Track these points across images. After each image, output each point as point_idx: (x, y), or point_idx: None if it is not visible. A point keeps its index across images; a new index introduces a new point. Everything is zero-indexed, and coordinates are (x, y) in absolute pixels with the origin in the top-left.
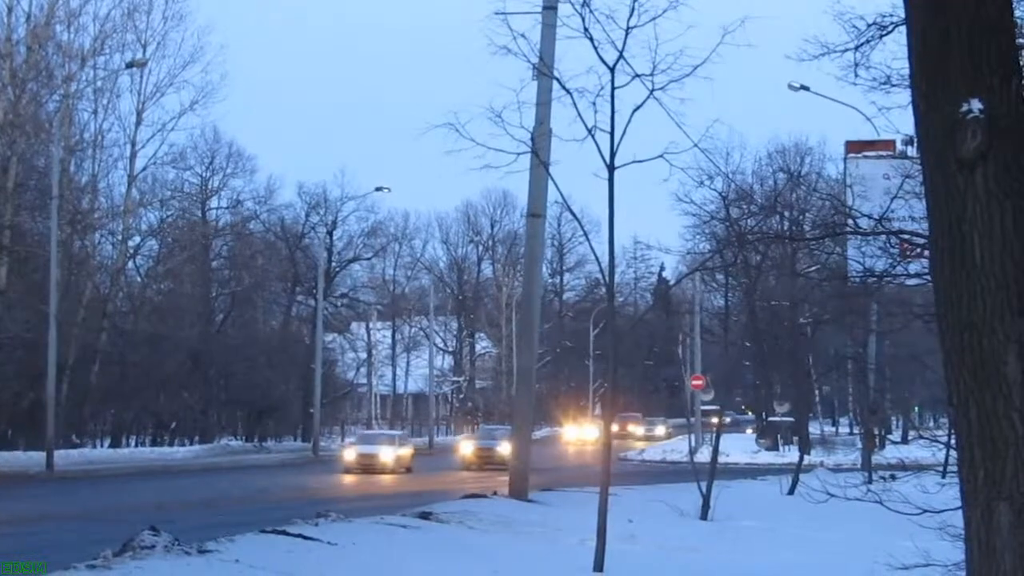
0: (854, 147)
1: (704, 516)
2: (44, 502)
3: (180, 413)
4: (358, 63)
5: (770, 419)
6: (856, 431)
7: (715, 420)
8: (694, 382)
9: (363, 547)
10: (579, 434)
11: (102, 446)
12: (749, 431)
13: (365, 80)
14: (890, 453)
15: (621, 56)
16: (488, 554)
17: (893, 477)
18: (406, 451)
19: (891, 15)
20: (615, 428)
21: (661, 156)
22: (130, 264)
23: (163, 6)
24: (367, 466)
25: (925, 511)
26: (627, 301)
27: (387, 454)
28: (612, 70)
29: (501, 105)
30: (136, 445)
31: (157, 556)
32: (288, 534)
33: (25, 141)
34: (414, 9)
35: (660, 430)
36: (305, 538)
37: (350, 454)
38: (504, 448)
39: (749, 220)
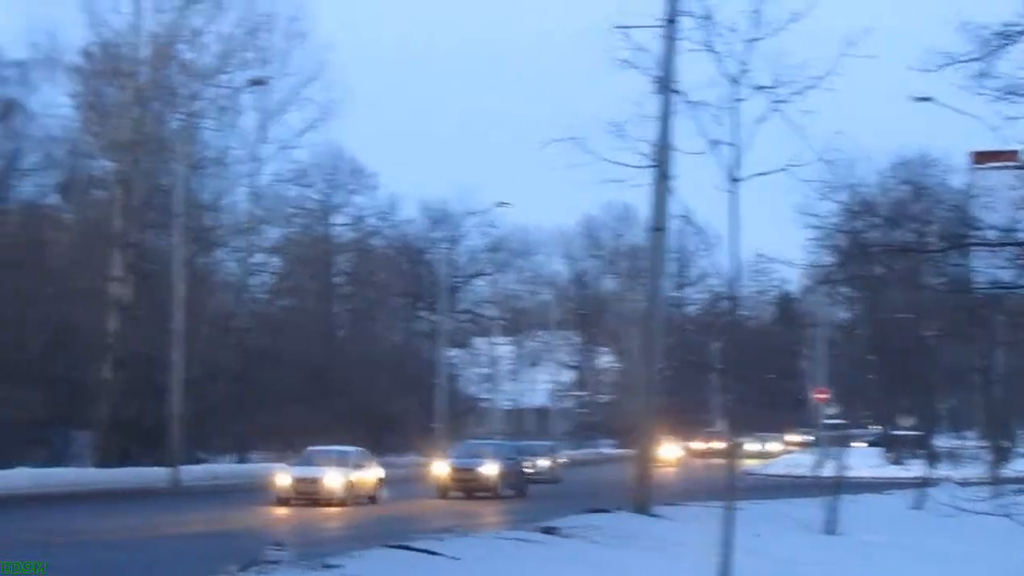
0: (979, 158)
1: (831, 531)
2: (168, 517)
3: (302, 428)
4: (478, 78)
5: (894, 432)
6: (982, 444)
7: (838, 434)
8: (818, 395)
9: (487, 562)
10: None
11: (227, 461)
12: (866, 445)
13: (486, 95)
14: (1020, 466)
15: (743, 69)
16: (613, 569)
17: (1022, 491)
18: (365, 475)
19: (1016, 25)
20: (717, 445)
21: (784, 169)
22: (253, 280)
23: (285, 25)
24: (305, 494)
25: None
26: (751, 314)
27: (333, 479)
28: (734, 83)
29: (623, 119)
30: (262, 461)
31: (281, 571)
32: (412, 549)
33: (149, 160)
34: (534, 23)
35: (774, 446)
36: (429, 553)
37: (283, 479)
38: (490, 470)
39: (873, 232)
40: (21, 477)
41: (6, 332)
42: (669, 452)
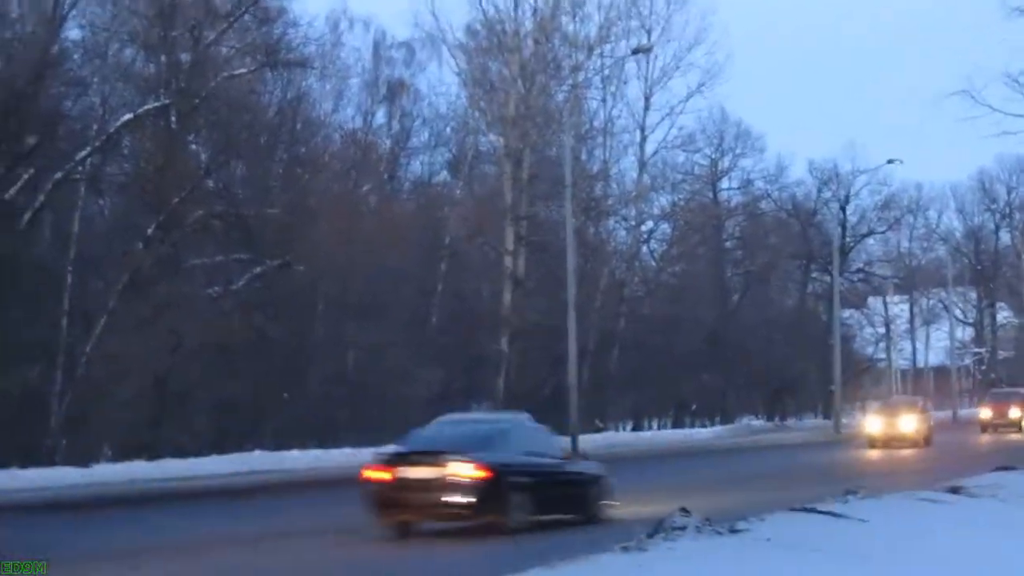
0: None
1: None
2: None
3: (699, 394)
4: (864, 32)
5: None
6: None
7: None
8: None
9: (893, 523)
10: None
11: (624, 430)
12: None
13: (872, 49)
14: None
15: None
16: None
17: None
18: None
19: None
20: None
21: None
22: (644, 249)
23: None
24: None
25: None
26: None
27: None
28: None
29: (1017, 69)
30: (658, 428)
31: (689, 536)
32: (817, 511)
33: (537, 133)
34: None
35: None
36: (835, 515)
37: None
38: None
39: None
40: None
41: (405, 309)
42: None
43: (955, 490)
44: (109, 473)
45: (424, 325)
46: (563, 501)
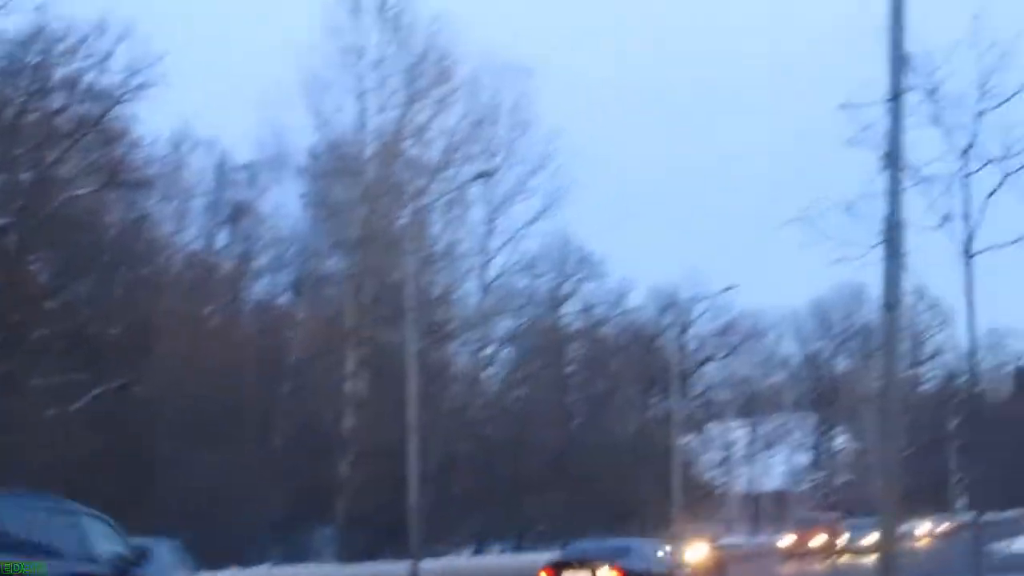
0: None
1: None
2: None
3: (544, 517)
4: (708, 159)
5: None
6: None
7: None
8: None
9: None
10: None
11: (466, 553)
12: None
13: (715, 176)
14: None
15: (973, 142)
16: None
17: None
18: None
19: None
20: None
21: (1018, 240)
22: (486, 372)
23: (509, 115)
24: None
25: None
26: (987, 389)
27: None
28: (964, 156)
29: (852, 198)
30: (501, 551)
31: None
32: None
33: (380, 256)
34: (761, 104)
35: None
36: None
37: None
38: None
39: None
40: (265, 575)
41: (247, 431)
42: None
43: None
44: None
45: (267, 447)
46: None
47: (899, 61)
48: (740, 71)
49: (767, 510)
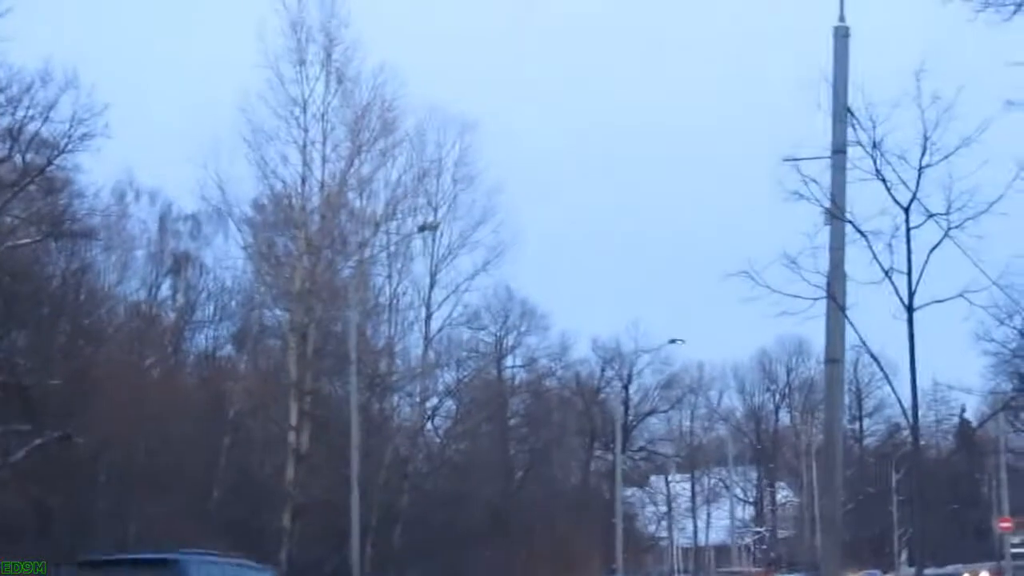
0: None
1: None
2: None
3: (484, 571)
4: (652, 213)
5: None
6: None
7: None
8: (1002, 524)
9: None
10: None
11: None
12: None
13: (658, 229)
14: None
15: (915, 197)
16: None
17: None
18: None
19: None
20: None
21: (960, 295)
22: (429, 425)
23: (453, 169)
24: None
25: None
26: (929, 443)
27: None
28: (906, 211)
29: (795, 251)
30: None
31: None
32: None
33: (322, 308)
34: (704, 156)
35: None
36: None
37: None
38: None
39: None
40: None
41: (189, 482)
42: None
43: None
44: None
45: (207, 498)
46: None
47: (842, 116)
48: (684, 125)
49: (709, 564)
